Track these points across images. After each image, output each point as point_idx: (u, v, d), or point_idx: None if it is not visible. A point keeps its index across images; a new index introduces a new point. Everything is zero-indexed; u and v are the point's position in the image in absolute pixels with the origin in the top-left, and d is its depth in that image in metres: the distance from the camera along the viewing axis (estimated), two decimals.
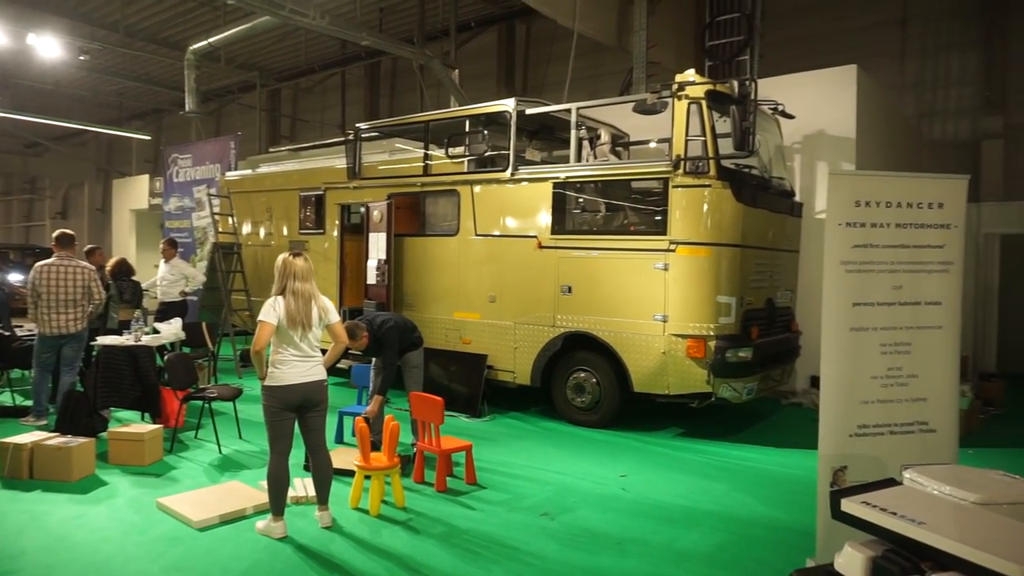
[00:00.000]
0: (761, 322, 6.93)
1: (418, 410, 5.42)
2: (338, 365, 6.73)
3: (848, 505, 2.13)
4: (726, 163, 6.50)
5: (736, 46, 9.67)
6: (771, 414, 8.00)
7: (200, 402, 6.48)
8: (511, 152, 7.63)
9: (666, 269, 6.59)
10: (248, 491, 5.02)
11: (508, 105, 7.67)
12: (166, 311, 8.97)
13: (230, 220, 10.55)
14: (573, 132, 7.32)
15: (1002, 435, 7.13)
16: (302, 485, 5.01)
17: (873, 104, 9.04)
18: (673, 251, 6.55)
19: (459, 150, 8.24)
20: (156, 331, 7.72)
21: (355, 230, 9.64)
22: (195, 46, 12.80)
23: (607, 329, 6.97)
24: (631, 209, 7.20)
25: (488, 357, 7.82)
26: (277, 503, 4.31)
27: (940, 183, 4.00)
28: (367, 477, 4.85)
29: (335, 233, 9.46)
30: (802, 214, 7.99)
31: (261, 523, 4.38)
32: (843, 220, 3.83)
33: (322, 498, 4.51)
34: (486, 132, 8.07)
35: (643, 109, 7.06)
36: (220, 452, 6.09)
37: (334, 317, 4.47)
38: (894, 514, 2.01)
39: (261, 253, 10.60)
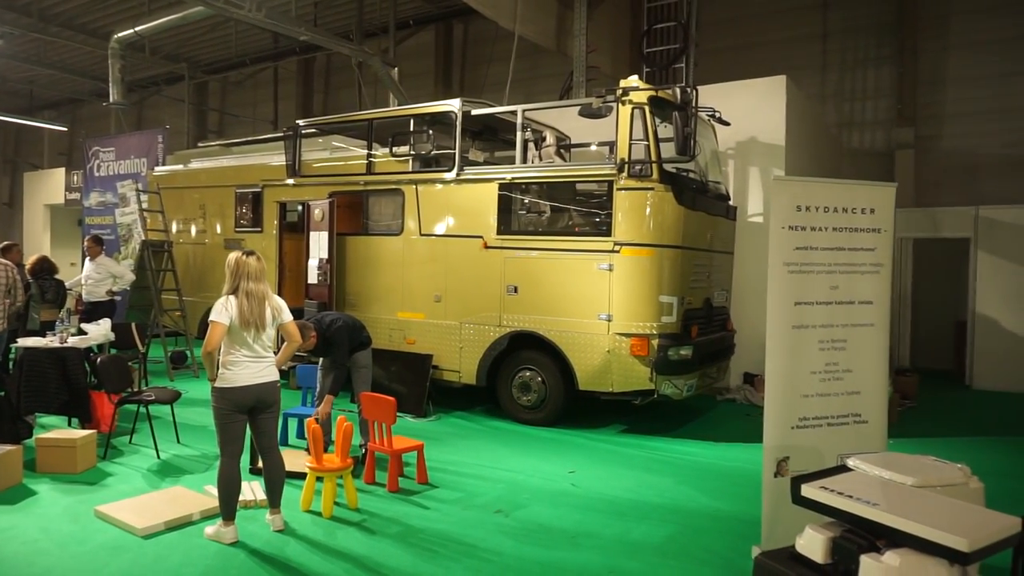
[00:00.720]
0: (700, 321, 7.20)
1: (369, 410, 5.38)
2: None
3: (808, 490, 2.28)
4: (667, 167, 6.72)
5: (672, 54, 10.00)
6: (708, 410, 8.31)
7: (135, 406, 6.23)
8: (456, 152, 7.66)
9: (611, 269, 6.75)
10: (193, 496, 4.87)
11: (453, 105, 7.69)
12: (92, 311, 8.55)
13: (160, 217, 10.14)
14: (519, 134, 7.40)
15: (918, 426, 7.63)
16: (250, 489, 4.90)
17: (800, 113, 9.51)
18: (617, 252, 6.73)
19: (404, 149, 8.20)
20: (83, 332, 7.35)
21: (293, 228, 9.46)
22: (120, 34, 12.21)
23: (553, 328, 7.09)
24: (576, 211, 7.34)
25: (433, 357, 7.82)
26: (228, 507, 4.21)
27: (871, 189, 4.28)
28: (319, 479, 4.79)
29: (273, 231, 9.25)
30: (736, 217, 8.32)
31: (210, 528, 4.27)
32: (786, 223, 4.04)
33: (274, 501, 4.44)
34: (431, 132, 8.06)
35: (588, 113, 7.22)
36: (158, 457, 5.87)
37: (287, 317, 4.42)
38: (850, 497, 2.17)
39: (194, 251, 10.25)
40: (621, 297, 6.73)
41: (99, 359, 6.38)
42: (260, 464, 5.09)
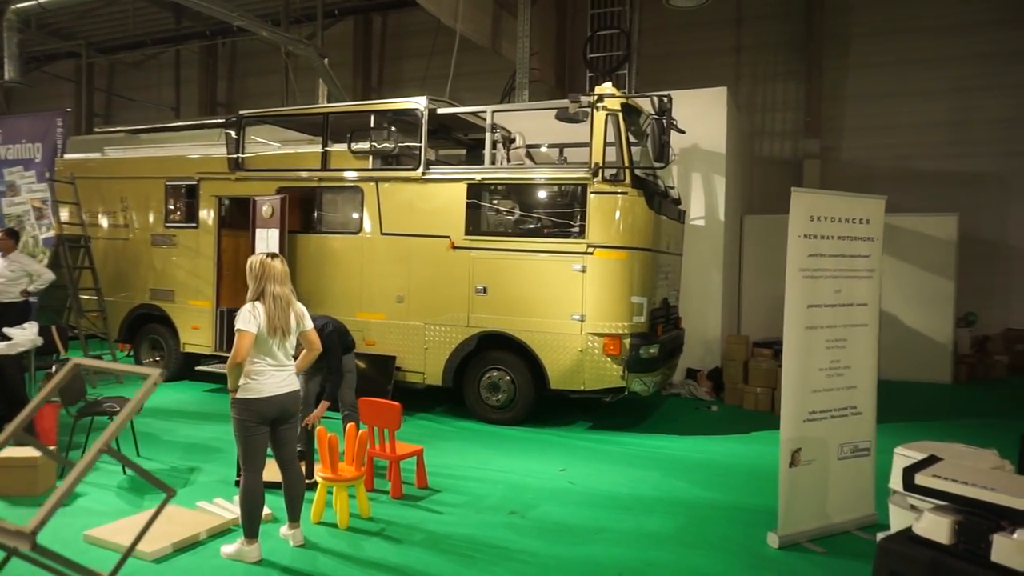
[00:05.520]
0: (661, 320, 7.52)
1: (369, 416, 5.24)
2: None
3: (922, 479, 2.52)
4: (637, 172, 6.97)
5: (615, 60, 10.33)
6: (658, 405, 8.67)
7: (89, 418, 5.71)
8: (422, 151, 7.55)
9: (584, 271, 6.92)
10: (190, 514, 4.56)
11: (419, 103, 7.57)
12: (4, 313, 7.67)
13: (76, 209, 9.25)
14: (488, 134, 7.40)
15: None
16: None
17: (733, 122, 10.11)
18: (591, 254, 6.90)
19: (363, 146, 7.96)
20: (6, 337, 6.61)
21: (231, 224, 8.94)
22: (19, 6, 10.98)
23: (524, 329, 7.16)
24: (549, 212, 7.43)
25: (396, 359, 7.67)
26: (251, 524, 3.98)
27: (866, 202, 4.68)
28: (330, 490, 4.62)
29: (210, 227, 8.70)
30: (685, 221, 8.74)
31: (229, 547, 4.02)
32: (802, 232, 4.36)
33: (293, 515, 4.23)
34: (393, 128, 7.88)
35: (565, 117, 7.34)
36: (124, 473, 5.42)
37: (309, 323, 4.21)
38: (965, 483, 2.43)
39: (113, 247, 9.43)
40: (594, 298, 6.91)
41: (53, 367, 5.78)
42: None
